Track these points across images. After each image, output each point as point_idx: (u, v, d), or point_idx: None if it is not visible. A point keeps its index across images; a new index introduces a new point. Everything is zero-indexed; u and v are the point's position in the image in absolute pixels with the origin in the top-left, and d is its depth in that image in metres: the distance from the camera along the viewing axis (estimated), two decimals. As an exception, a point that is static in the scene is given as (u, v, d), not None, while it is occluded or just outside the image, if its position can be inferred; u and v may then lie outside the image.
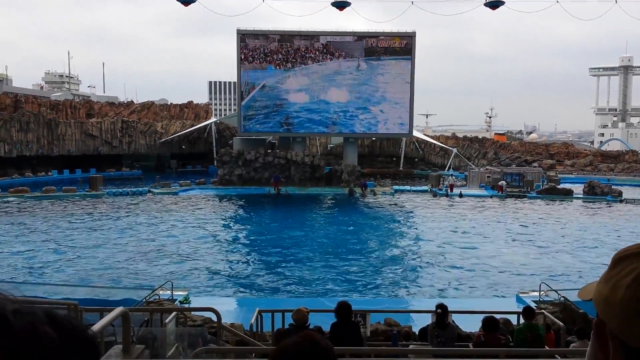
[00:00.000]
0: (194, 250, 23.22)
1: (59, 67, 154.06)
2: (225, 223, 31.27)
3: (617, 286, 0.92)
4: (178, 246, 23.98)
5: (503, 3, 44.41)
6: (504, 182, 43.38)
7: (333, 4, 45.86)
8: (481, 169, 50.74)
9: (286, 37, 46.54)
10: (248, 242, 26.70)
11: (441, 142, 64.81)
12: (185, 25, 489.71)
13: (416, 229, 30.01)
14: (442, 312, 8.22)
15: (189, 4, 45.02)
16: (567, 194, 41.23)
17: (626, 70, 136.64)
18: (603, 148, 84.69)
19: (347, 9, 46.46)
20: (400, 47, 46.77)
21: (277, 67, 46.49)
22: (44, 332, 0.76)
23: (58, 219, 30.75)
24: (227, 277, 19.31)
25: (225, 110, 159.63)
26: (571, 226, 29.99)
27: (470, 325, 10.51)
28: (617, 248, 1.10)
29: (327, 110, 47.04)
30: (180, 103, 71.04)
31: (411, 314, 13.52)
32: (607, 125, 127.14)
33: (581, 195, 41.19)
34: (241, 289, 18.05)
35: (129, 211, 33.79)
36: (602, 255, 22.26)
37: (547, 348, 8.54)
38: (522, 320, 9.21)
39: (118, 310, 4.13)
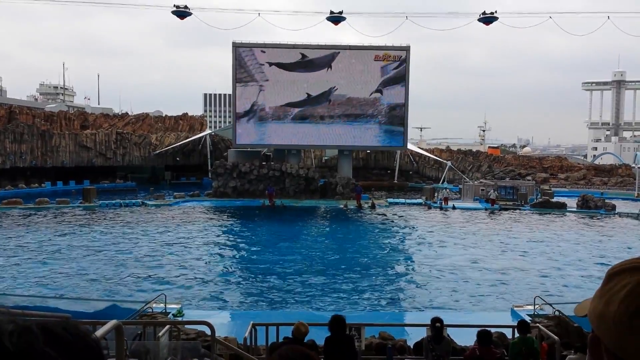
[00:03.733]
0: (188, 263, 23.09)
1: (54, 78, 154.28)
2: (219, 235, 31.14)
3: (610, 301, 0.93)
4: (171, 259, 23.85)
5: (497, 19, 44.94)
6: (491, 192, 43.45)
7: (328, 19, 46.28)
8: (475, 182, 50.89)
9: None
10: (242, 254, 26.59)
11: (435, 155, 64.99)
12: (181, 37, 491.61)
13: (410, 241, 29.98)
14: (440, 326, 8.20)
15: (185, 17, 45.36)
16: (561, 208, 41.35)
17: (619, 84, 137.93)
18: (596, 162, 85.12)
19: (342, 23, 46.96)
20: (395, 60, 47.06)
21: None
22: (42, 353, 0.74)
23: (51, 230, 30.56)
24: (221, 290, 19.20)
25: (220, 122, 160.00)
26: (565, 240, 30.04)
27: (465, 339, 10.48)
28: (610, 262, 1.11)
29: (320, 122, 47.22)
30: (175, 115, 71.04)
31: (406, 328, 13.48)
32: (600, 139, 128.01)
33: (575, 209, 41.32)
34: (235, 302, 17.94)
35: (122, 223, 33.63)
36: (596, 269, 22.32)
37: (542, 362, 8.53)
38: (516, 334, 9.19)
39: (111, 323, 4.10)
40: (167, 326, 8.48)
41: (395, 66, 46.97)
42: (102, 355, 0.85)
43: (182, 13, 44.47)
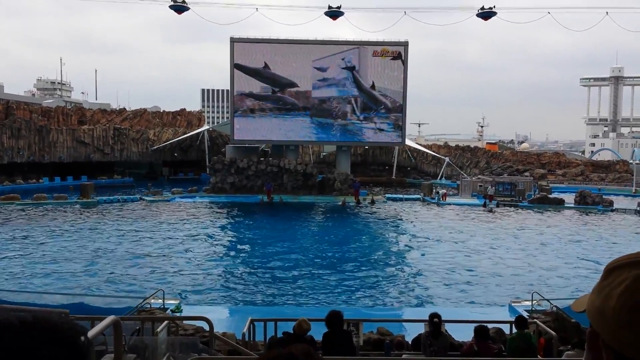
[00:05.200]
0: (186, 259, 23.10)
1: (51, 73, 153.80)
2: (217, 231, 31.15)
3: (609, 296, 0.93)
4: (169, 254, 23.85)
5: (495, 14, 44.87)
6: (489, 188, 43.47)
7: (326, 14, 46.16)
8: (473, 178, 50.94)
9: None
10: (240, 250, 26.60)
11: (433, 151, 65.01)
12: (179, 32, 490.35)
13: (408, 237, 30.02)
14: (438, 322, 8.21)
15: (183, 11, 45.18)
16: (559, 204, 41.42)
17: (617, 80, 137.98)
18: (594, 158, 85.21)
19: (340, 18, 46.84)
20: (393, 56, 46.98)
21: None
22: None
23: (48, 226, 30.52)
24: (219, 286, 19.22)
25: (218, 118, 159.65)
26: (562, 235, 30.11)
27: (463, 334, 10.51)
28: (608, 258, 1.11)
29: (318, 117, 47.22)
30: (173, 110, 70.94)
31: (404, 323, 13.51)
32: (598, 135, 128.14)
33: (572, 205, 41.39)
34: (234, 298, 17.96)
35: (120, 219, 33.60)
36: (594, 265, 22.37)
37: (540, 357, 8.56)
38: (514, 330, 9.22)
39: (109, 319, 4.10)
40: (166, 322, 8.48)
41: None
42: (81, 354, 0.85)
43: (179, 8, 44.29)
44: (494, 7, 44.15)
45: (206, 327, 8.51)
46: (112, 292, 17.71)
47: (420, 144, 72.78)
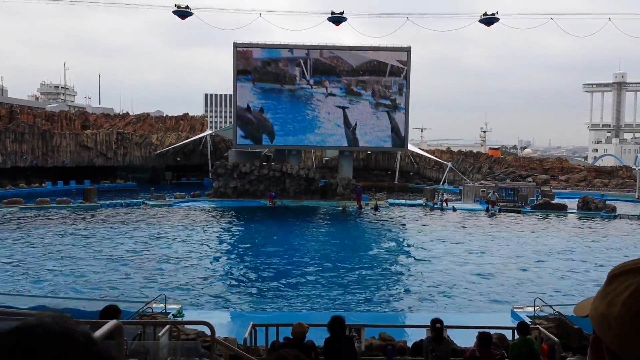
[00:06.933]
0: (188, 263, 23.09)
1: (55, 78, 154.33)
2: (220, 236, 31.14)
3: (613, 302, 0.92)
4: (171, 259, 23.84)
5: (498, 20, 44.94)
6: (492, 193, 43.40)
7: (329, 19, 46.26)
8: (476, 183, 50.86)
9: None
10: (243, 255, 26.58)
11: (436, 156, 64.98)
12: (182, 37, 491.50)
13: (411, 243, 29.97)
14: (440, 327, 8.19)
15: (186, 17, 45.37)
16: (561, 209, 41.32)
17: (620, 86, 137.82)
18: (597, 164, 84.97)
19: (342, 23, 46.96)
20: (398, 60, 47.06)
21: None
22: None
23: (51, 230, 30.55)
24: (221, 291, 19.20)
25: (221, 122, 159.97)
26: (565, 241, 30.02)
27: (465, 340, 10.48)
28: (611, 264, 1.11)
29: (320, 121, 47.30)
30: (175, 115, 71.15)
31: (406, 329, 13.48)
32: (601, 141, 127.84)
33: (575, 211, 41.29)
34: (235, 303, 17.94)
35: (123, 223, 33.62)
36: (597, 271, 22.29)
37: (542, 364, 8.52)
38: (516, 336, 9.18)
39: (111, 323, 4.09)
40: (167, 326, 8.47)
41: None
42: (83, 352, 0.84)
43: (183, 13, 44.47)
44: (497, 12, 44.23)
45: (208, 331, 8.48)
46: (113, 296, 17.69)
47: (422, 149, 72.72)
